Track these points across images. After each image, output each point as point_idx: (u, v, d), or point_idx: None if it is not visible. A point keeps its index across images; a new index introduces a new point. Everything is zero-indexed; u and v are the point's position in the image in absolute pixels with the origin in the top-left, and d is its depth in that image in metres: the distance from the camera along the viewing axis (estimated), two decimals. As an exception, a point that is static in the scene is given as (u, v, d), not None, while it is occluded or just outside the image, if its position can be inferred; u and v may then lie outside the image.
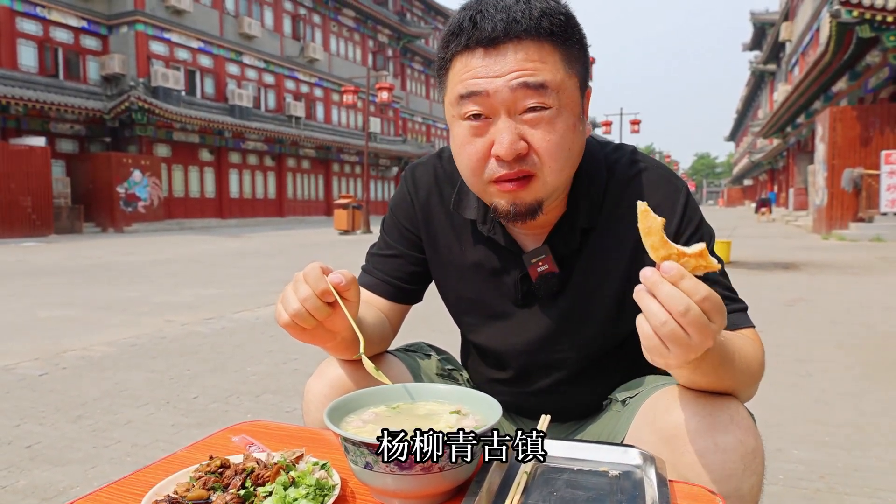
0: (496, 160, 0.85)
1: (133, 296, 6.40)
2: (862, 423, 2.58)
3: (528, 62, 0.81)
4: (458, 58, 0.85)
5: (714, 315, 0.65)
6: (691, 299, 0.63)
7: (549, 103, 0.83)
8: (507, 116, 0.83)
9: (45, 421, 2.71)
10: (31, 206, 17.20)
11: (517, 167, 0.84)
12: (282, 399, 3.01)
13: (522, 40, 0.81)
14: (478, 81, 0.83)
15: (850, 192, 13.91)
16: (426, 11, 42.32)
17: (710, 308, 0.64)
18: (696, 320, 0.63)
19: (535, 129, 0.84)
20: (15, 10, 19.34)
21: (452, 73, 0.87)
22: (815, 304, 5.53)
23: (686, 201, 0.96)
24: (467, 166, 0.88)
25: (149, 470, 0.82)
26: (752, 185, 61.24)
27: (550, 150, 0.84)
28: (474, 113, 0.84)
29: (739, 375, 0.82)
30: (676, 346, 0.64)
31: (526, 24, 0.81)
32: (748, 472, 0.76)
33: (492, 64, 0.82)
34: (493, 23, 0.81)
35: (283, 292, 0.83)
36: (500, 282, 1.03)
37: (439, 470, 0.67)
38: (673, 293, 0.63)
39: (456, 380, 1.18)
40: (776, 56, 37.66)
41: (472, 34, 0.83)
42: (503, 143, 0.82)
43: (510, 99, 0.82)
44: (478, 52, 0.83)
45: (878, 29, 11.96)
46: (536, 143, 0.84)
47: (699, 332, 0.63)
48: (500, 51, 0.82)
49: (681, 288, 0.63)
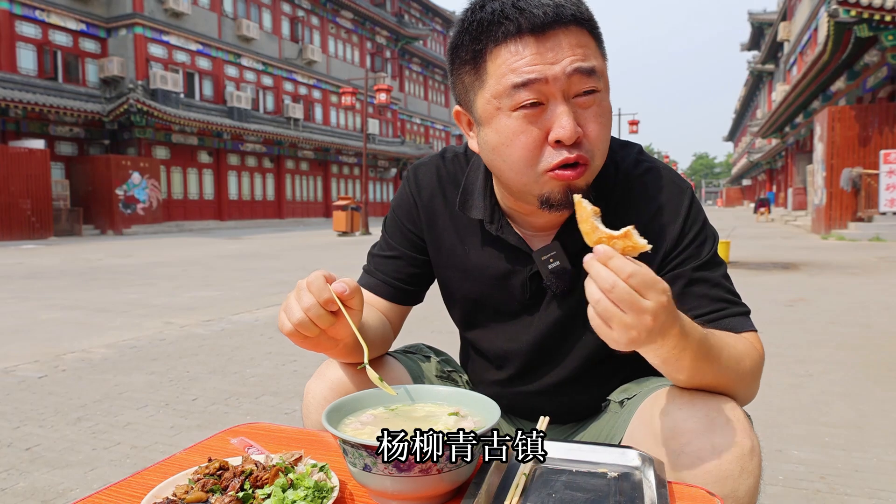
0: (554, 146, 0.83)
1: (132, 298, 6.40)
2: (862, 424, 2.58)
3: (579, 47, 0.82)
4: (502, 47, 0.83)
5: (645, 291, 0.67)
6: (618, 277, 0.66)
7: (598, 87, 0.83)
8: (563, 101, 0.82)
9: (45, 423, 2.71)
10: (31, 208, 17.21)
11: (576, 152, 0.83)
12: (281, 401, 3.01)
13: (569, 26, 0.82)
14: (535, 68, 0.81)
15: (849, 192, 13.91)
16: (424, 13, 42.37)
17: (637, 284, 0.66)
18: (624, 296, 0.66)
19: (587, 112, 0.84)
20: (14, 13, 19.36)
21: (495, 64, 0.84)
22: (815, 304, 5.54)
23: (690, 203, 0.96)
24: (521, 157, 0.85)
25: (147, 472, 0.82)
26: (750, 185, 61.30)
27: (601, 133, 0.85)
28: (532, 101, 0.82)
29: (728, 373, 0.82)
30: (615, 323, 0.67)
31: (572, 10, 0.82)
32: (745, 473, 0.76)
33: (546, 51, 0.81)
34: (542, 9, 0.80)
35: (286, 300, 0.83)
36: (506, 282, 1.03)
37: (438, 472, 0.67)
38: (601, 271, 0.67)
39: (455, 381, 1.18)
40: (774, 56, 37.73)
41: (518, 21, 0.81)
42: (566, 127, 0.81)
43: (566, 84, 0.81)
44: (526, 39, 0.81)
45: (876, 28, 11.98)
46: (589, 127, 0.84)
47: (630, 307, 0.66)
48: (551, 37, 0.81)
49: (609, 267, 0.67)
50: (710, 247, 0.95)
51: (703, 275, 0.93)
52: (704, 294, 0.91)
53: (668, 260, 0.94)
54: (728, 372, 0.82)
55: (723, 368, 0.81)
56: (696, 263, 0.93)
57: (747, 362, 0.86)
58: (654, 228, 0.94)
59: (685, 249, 0.93)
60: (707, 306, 0.91)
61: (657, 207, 0.95)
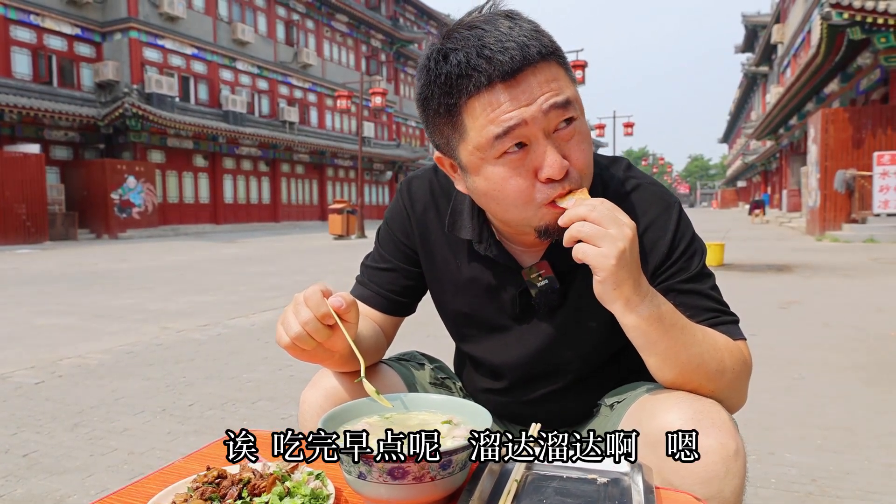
0: (545, 183, 0.85)
1: (128, 303, 6.39)
2: (854, 426, 2.61)
3: (550, 82, 0.83)
4: (475, 100, 0.82)
5: (617, 211, 0.81)
6: (594, 205, 0.80)
7: (575, 115, 0.85)
8: (545, 138, 0.84)
9: (42, 429, 2.71)
10: (26, 213, 17.15)
11: (567, 184, 0.85)
12: (277, 406, 3.02)
13: (537, 65, 0.82)
14: (512, 115, 0.81)
15: (842, 194, 13.98)
16: (419, 16, 42.43)
17: (610, 206, 0.81)
18: (604, 212, 0.79)
19: (569, 142, 0.86)
20: (9, 17, 19.33)
21: (472, 116, 0.84)
22: (809, 306, 5.57)
23: (679, 217, 0.98)
24: (516, 200, 0.87)
25: (147, 480, 0.83)
26: (745, 186, 61.50)
27: (585, 158, 0.87)
28: (516, 143, 0.83)
29: (704, 354, 0.86)
30: (601, 239, 0.78)
31: (535, 47, 0.82)
32: (730, 475, 0.78)
33: (519, 94, 0.81)
34: (508, 54, 0.80)
35: (283, 314, 0.84)
36: (497, 297, 1.04)
37: (431, 479, 0.69)
38: (580, 206, 0.81)
39: (449, 388, 1.20)
40: (768, 58, 37.89)
41: (487, 71, 0.81)
42: (553, 165, 0.83)
43: (545, 122, 0.83)
44: (499, 87, 0.81)
45: (869, 31, 12.07)
46: (573, 156, 0.86)
47: (611, 222, 0.79)
48: (520, 80, 0.81)
49: (585, 204, 0.81)
50: (699, 259, 0.97)
51: (693, 286, 0.95)
52: (695, 305, 0.94)
53: (659, 274, 0.96)
54: (705, 354, 0.86)
55: (699, 347, 0.86)
56: (685, 276, 0.95)
57: (726, 353, 0.88)
58: (645, 245, 0.96)
59: (675, 263, 0.95)
60: (698, 316, 0.93)
61: (647, 224, 0.97)
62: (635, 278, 0.81)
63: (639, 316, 0.81)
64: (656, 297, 0.83)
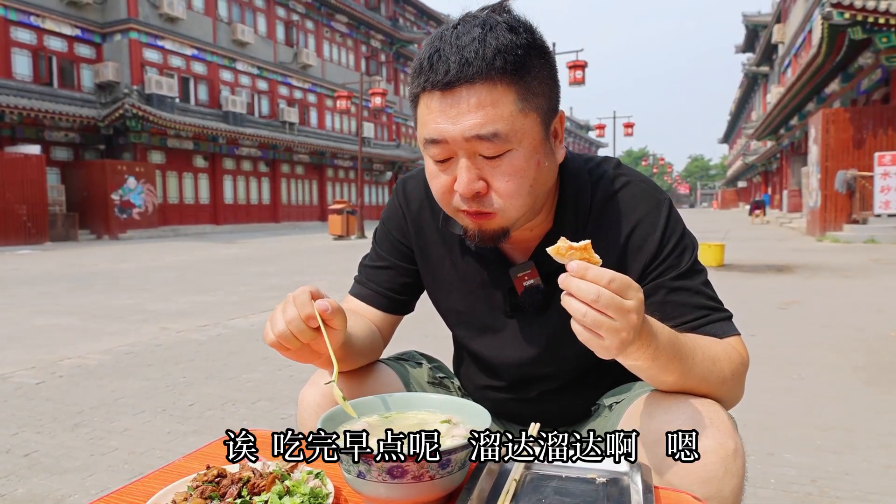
0: (459, 195, 0.87)
1: (128, 303, 6.40)
2: (854, 427, 2.61)
3: (481, 108, 0.81)
4: (422, 97, 0.86)
5: (625, 292, 0.70)
6: (599, 285, 0.69)
7: (504, 149, 0.83)
8: (466, 158, 0.84)
9: (43, 429, 2.71)
10: (27, 213, 17.16)
11: (475, 206, 0.87)
12: (277, 406, 3.02)
13: (475, 83, 0.81)
14: (438, 128, 0.83)
15: (843, 194, 13.97)
16: (418, 16, 42.44)
17: (618, 287, 0.69)
18: (610, 302, 0.68)
19: (495, 169, 0.85)
20: (9, 19, 19.33)
21: (419, 111, 0.87)
22: (809, 306, 5.57)
23: (668, 213, 0.98)
24: (437, 196, 0.91)
25: (147, 479, 0.83)
26: (746, 187, 61.48)
27: (509, 191, 0.86)
28: (438, 157, 0.86)
29: (704, 373, 0.85)
30: (605, 330, 0.70)
31: (478, 65, 0.80)
32: (729, 474, 0.79)
33: (448, 108, 0.82)
34: (446, 65, 0.81)
35: (273, 312, 0.85)
36: (490, 294, 1.05)
37: (430, 478, 0.69)
38: (582, 285, 0.69)
39: (447, 387, 1.20)
40: (769, 58, 37.89)
41: (429, 76, 0.83)
42: (461, 183, 0.84)
43: (466, 145, 0.83)
44: (435, 94, 0.83)
45: (870, 31, 12.05)
46: (496, 183, 0.85)
47: (616, 312, 0.69)
48: (455, 94, 0.82)
49: (587, 279, 0.69)
50: (690, 255, 0.97)
51: (684, 283, 0.94)
52: (686, 302, 0.93)
53: (649, 271, 0.96)
54: (705, 373, 0.85)
55: (700, 368, 0.84)
56: (675, 273, 0.95)
57: (725, 363, 0.88)
58: (634, 241, 0.96)
59: (665, 260, 0.95)
60: (689, 314, 0.93)
61: (636, 221, 0.97)
62: (640, 339, 0.75)
63: (636, 360, 0.78)
64: (654, 338, 0.77)
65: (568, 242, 0.73)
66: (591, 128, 35.25)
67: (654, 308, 0.92)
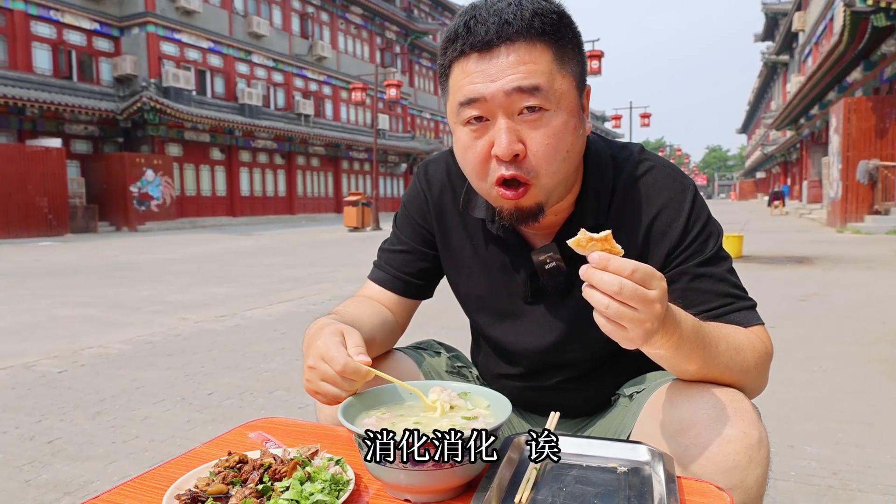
0: (496, 160, 0.86)
1: (148, 294, 6.47)
2: (875, 420, 2.57)
3: (521, 64, 0.82)
4: (456, 64, 0.86)
5: (649, 282, 0.69)
6: (621, 276, 0.67)
7: (544, 105, 0.84)
8: (504, 117, 0.84)
9: (66, 417, 2.76)
10: (48, 206, 17.43)
11: (513, 170, 0.85)
12: (294, 395, 3.05)
13: (514, 42, 0.82)
14: (475, 87, 0.83)
15: (865, 185, 13.72)
16: (433, 7, 42.26)
17: (641, 278, 0.68)
18: (633, 293, 0.67)
19: (533, 130, 0.84)
20: (29, 13, 19.57)
21: (452, 80, 0.88)
22: (830, 299, 5.49)
23: (693, 199, 0.96)
24: (472, 170, 0.90)
25: (169, 465, 0.84)
26: (764, 177, 60.65)
27: (547, 152, 0.85)
28: (475, 116, 0.85)
29: (728, 362, 0.83)
30: (628, 321, 0.69)
31: (517, 25, 0.82)
32: (753, 463, 0.78)
33: (487, 68, 0.83)
34: (485, 26, 0.82)
35: (312, 383, 0.85)
36: (510, 279, 1.04)
37: (451, 465, 0.69)
38: (604, 277, 0.68)
39: (465, 376, 1.20)
40: (789, 46, 37.24)
41: (466, 39, 0.84)
42: (501, 144, 0.84)
43: (506, 102, 0.83)
44: (472, 56, 0.84)
45: (893, 17, 11.78)
46: (533, 145, 0.85)
47: (640, 302, 0.68)
48: (494, 53, 0.83)
49: (610, 270, 0.68)
50: (715, 242, 0.95)
51: (708, 270, 0.93)
52: (710, 289, 0.92)
53: (673, 257, 0.94)
54: (730, 362, 0.84)
55: (724, 358, 0.83)
56: (700, 259, 0.94)
57: (749, 352, 0.87)
58: (658, 227, 0.95)
59: (689, 246, 0.94)
60: (713, 301, 0.92)
61: (660, 206, 0.96)
62: (664, 328, 0.74)
63: (659, 349, 0.77)
64: (678, 327, 0.76)
65: (588, 234, 0.71)
66: (608, 118, 34.88)
67: (678, 295, 0.91)
